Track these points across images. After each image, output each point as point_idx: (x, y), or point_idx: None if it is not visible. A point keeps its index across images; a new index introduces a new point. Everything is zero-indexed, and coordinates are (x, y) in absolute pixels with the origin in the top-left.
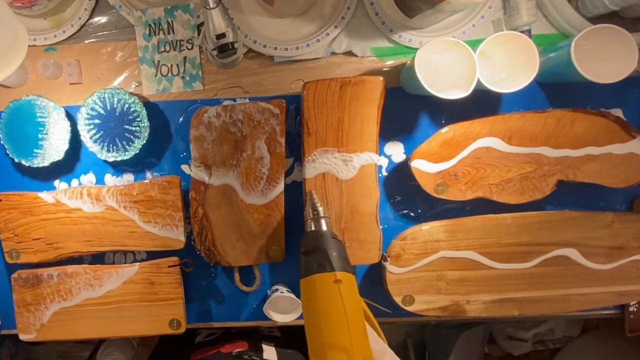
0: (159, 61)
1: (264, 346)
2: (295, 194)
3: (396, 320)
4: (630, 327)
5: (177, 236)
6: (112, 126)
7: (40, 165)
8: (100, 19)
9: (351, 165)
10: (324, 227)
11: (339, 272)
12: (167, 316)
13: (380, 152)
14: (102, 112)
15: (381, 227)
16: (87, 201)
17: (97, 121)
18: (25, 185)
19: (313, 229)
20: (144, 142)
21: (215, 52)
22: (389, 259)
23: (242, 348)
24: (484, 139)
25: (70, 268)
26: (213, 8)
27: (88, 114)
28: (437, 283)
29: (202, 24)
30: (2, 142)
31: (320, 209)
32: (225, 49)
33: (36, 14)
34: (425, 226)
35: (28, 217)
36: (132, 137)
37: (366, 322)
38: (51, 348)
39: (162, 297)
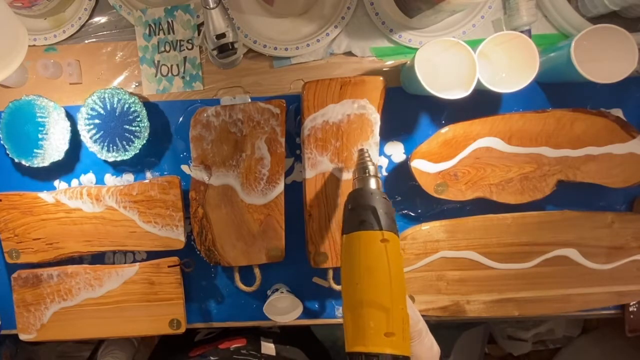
0: (159, 61)
1: (262, 342)
2: (295, 194)
3: None
4: (630, 327)
5: (177, 236)
6: (112, 126)
7: (40, 165)
8: (100, 19)
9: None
10: (374, 186)
11: (386, 232)
12: (167, 316)
13: (380, 152)
14: (102, 112)
15: None
16: (87, 201)
17: (97, 121)
18: (25, 185)
19: (362, 186)
20: (144, 142)
21: (215, 52)
22: None
23: (240, 344)
24: (484, 139)
25: (70, 268)
26: (213, 8)
27: (88, 114)
28: (437, 283)
29: (202, 24)
30: (2, 142)
31: (372, 167)
32: (225, 49)
33: (36, 14)
34: (425, 226)
35: (28, 217)
36: (132, 137)
37: None
38: (51, 348)
39: (162, 297)
